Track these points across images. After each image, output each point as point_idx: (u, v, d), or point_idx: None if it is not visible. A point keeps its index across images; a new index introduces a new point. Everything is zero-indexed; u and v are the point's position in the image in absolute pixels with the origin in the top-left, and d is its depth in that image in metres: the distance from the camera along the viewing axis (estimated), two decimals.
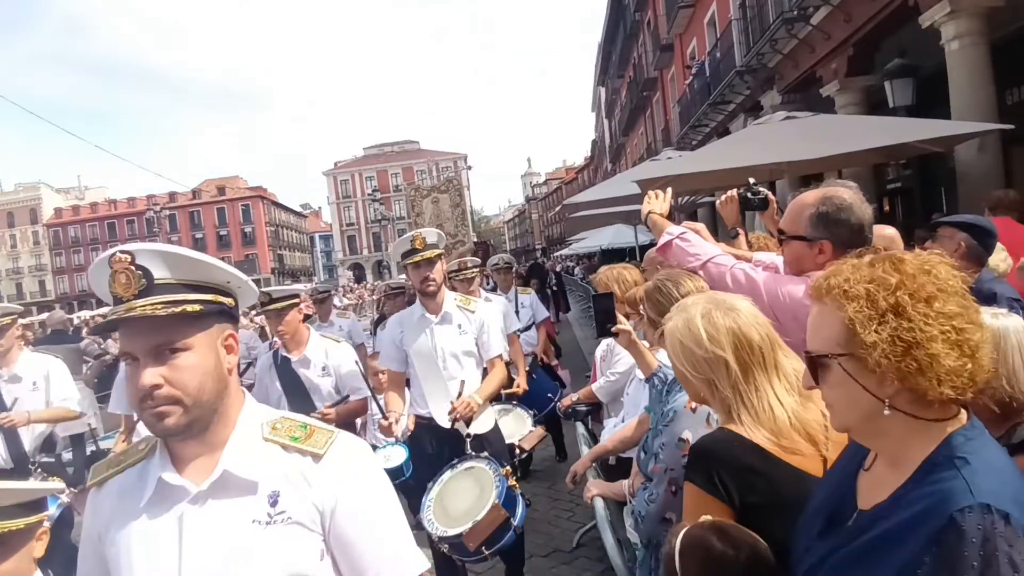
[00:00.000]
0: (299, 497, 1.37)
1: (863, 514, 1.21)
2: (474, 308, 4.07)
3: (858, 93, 11.41)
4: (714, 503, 1.59)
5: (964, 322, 1.10)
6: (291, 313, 4.17)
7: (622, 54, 38.32)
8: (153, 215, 46.63)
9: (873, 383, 1.15)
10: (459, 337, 3.97)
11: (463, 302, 4.09)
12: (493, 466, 3.52)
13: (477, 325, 4.03)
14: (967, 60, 8.16)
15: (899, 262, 1.15)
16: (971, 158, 7.98)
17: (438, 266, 3.92)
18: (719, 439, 1.69)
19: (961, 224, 3.42)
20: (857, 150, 6.62)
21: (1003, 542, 0.97)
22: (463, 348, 3.98)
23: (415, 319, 4.02)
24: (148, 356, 1.30)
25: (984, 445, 1.12)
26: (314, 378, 4.18)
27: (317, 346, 4.26)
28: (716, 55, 18.05)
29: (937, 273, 1.13)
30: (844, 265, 1.20)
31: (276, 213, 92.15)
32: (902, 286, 1.12)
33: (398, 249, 3.97)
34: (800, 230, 2.28)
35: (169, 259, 1.35)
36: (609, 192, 10.86)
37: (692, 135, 21.79)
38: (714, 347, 1.68)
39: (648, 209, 2.90)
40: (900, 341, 1.09)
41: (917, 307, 1.10)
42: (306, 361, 4.21)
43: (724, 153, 7.89)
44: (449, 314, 3.99)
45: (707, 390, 1.73)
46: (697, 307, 1.77)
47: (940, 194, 10.56)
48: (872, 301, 1.12)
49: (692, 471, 1.66)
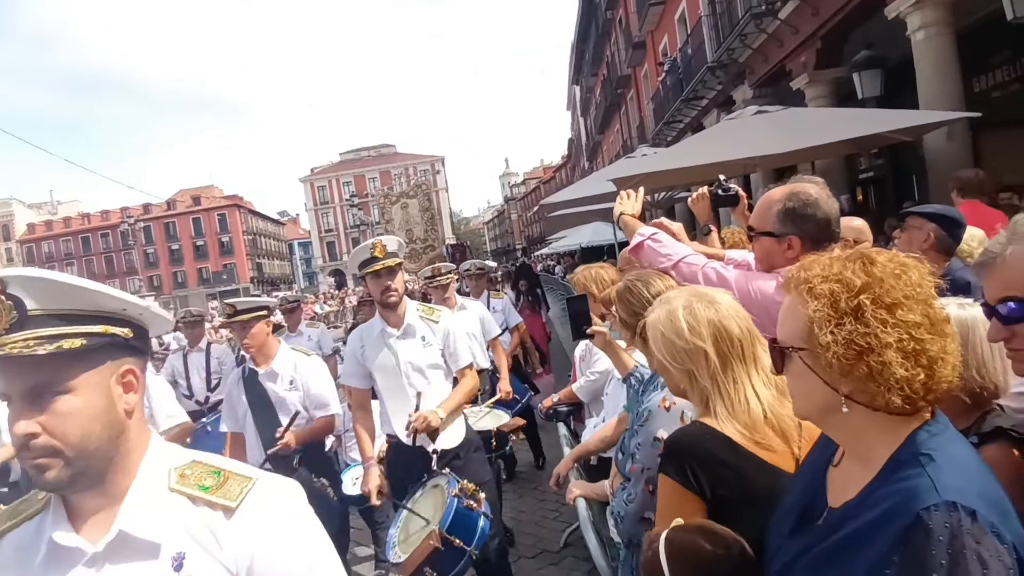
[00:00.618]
0: (208, 559, 1.20)
1: (833, 512, 1.21)
2: (438, 318, 3.85)
3: (827, 85, 11.54)
4: (687, 495, 1.61)
5: (925, 332, 1.10)
6: (257, 326, 4.00)
7: (595, 52, 38.46)
8: (127, 227, 46.16)
9: (833, 378, 1.15)
10: (423, 350, 3.76)
11: (426, 312, 3.88)
12: (450, 484, 3.27)
13: (442, 335, 3.81)
14: (933, 50, 8.27)
15: (870, 263, 1.15)
16: (940, 146, 8.09)
17: (399, 276, 3.71)
18: (691, 432, 1.71)
19: (930, 215, 3.42)
20: (828, 142, 6.69)
21: (970, 539, 0.97)
22: (428, 361, 3.76)
23: (375, 334, 3.79)
24: (23, 400, 1.13)
25: (949, 441, 1.12)
26: (280, 392, 4.02)
27: (286, 359, 4.11)
28: (687, 51, 18.17)
29: (908, 278, 1.13)
30: (818, 259, 1.21)
31: (253, 221, 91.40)
32: (867, 289, 1.12)
33: (356, 258, 3.73)
34: (768, 226, 2.30)
35: (41, 286, 1.13)
36: (585, 191, 10.87)
37: (667, 131, 21.91)
38: (694, 338, 1.71)
39: (620, 210, 2.91)
40: (854, 345, 1.10)
41: (877, 313, 1.10)
42: (273, 375, 4.05)
43: (698, 149, 7.94)
44: (411, 326, 3.77)
45: (687, 381, 1.75)
46: (679, 299, 1.80)
47: (912, 182, 10.70)
48: (834, 302, 1.13)
49: (665, 464, 1.68)
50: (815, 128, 7.04)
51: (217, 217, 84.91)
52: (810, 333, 1.16)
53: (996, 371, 1.69)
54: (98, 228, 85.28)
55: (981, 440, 1.64)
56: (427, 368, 3.74)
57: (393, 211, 14.97)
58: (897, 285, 1.12)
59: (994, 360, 1.68)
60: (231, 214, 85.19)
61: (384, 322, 3.77)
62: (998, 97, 9.56)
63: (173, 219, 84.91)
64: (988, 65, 9.54)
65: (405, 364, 3.71)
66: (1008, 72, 9.41)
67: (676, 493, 1.62)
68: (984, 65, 9.53)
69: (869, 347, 1.09)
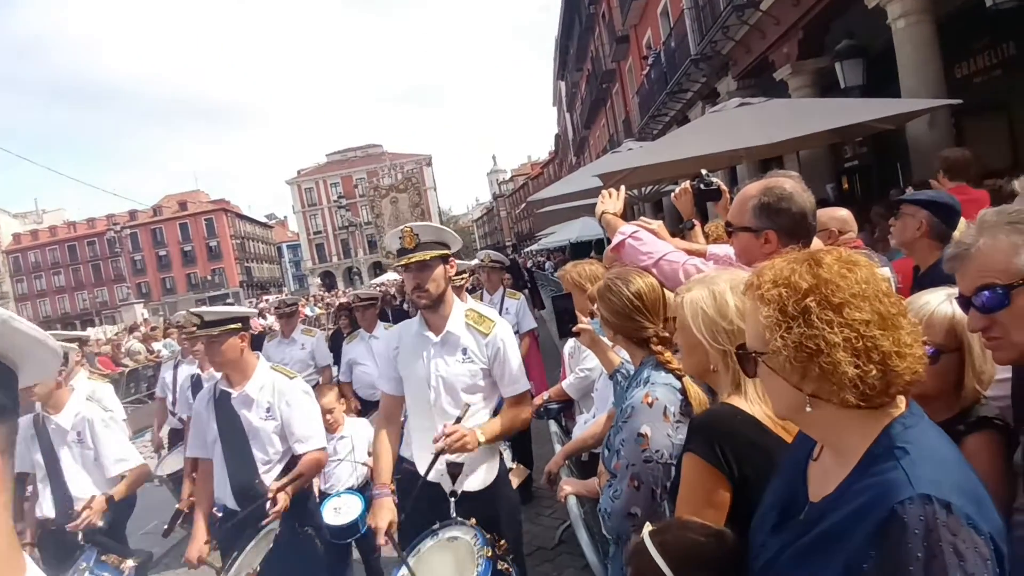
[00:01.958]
0: None
1: (813, 507, 1.22)
2: (488, 328, 3.14)
3: (810, 76, 11.58)
4: (715, 474, 1.60)
5: (875, 328, 1.10)
6: (229, 341, 3.43)
7: (579, 47, 38.45)
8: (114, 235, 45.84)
9: (793, 379, 1.17)
10: (462, 366, 3.10)
11: (475, 319, 3.17)
12: (479, 540, 2.65)
13: (491, 351, 3.12)
14: (913, 37, 8.31)
15: (817, 264, 1.16)
16: (922, 133, 8.13)
17: (438, 271, 3.05)
18: (721, 412, 1.72)
19: (923, 202, 3.37)
20: (812, 132, 6.72)
21: (946, 532, 0.98)
22: (466, 381, 3.10)
23: (412, 335, 3.20)
24: None
25: (923, 433, 1.13)
26: (255, 420, 3.47)
27: (263, 380, 3.56)
28: (671, 44, 18.19)
29: (856, 276, 1.14)
30: (772, 264, 1.23)
31: (241, 225, 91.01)
32: (813, 292, 1.13)
33: (390, 244, 3.19)
34: (745, 221, 2.32)
35: None
36: (572, 186, 10.88)
37: (652, 125, 21.95)
38: (740, 321, 1.71)
39: (602, 209, 2.92)
40: (804, 348, 1.11)
41: (824, 314, 1.11)
42: (247, 400, 3.49)
43: (683, 143, 7.95)
44: (454, 336, 3.12)
45: (721, 361, 1.76)
46: (724, 282, 1.81)
47: (896, 170, 10.75)
48: (782, 308, 1.14)
49: (693, 443, 1.68)
50: (799, 119, 7.07)
51: (204, 222, 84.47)
52: (765, 338, 1.18)
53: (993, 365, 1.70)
54: (84, 236, 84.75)
55: (967, 429, 1.65)
56: (462, 389, 3.09)
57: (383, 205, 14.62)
58: (843, 284, 1.13)
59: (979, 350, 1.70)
60: (218, 218, 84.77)
61: (423, 323, 3.17)
62: (979, 83, 9.62)
63: (160, 225, 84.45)
64: (969, 51, 9.59)
65: (437, 379, 3.08)
66: (989, 58, 9.47)
67: (704, 472, 1.62)
68: (965, 51, 9.58)
69: (818, 348, 1.10)
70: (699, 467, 1.64)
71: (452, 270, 3.14)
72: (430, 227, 3.10)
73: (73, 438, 3.95)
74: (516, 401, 3.17)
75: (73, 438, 3.95)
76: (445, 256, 3.08)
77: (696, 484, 1.64)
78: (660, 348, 2.24)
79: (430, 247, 3.03)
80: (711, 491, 1.61)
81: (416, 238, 3.02)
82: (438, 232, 3.10)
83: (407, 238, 3.02)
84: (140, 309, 33.46)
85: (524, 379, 3.19)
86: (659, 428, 2.05)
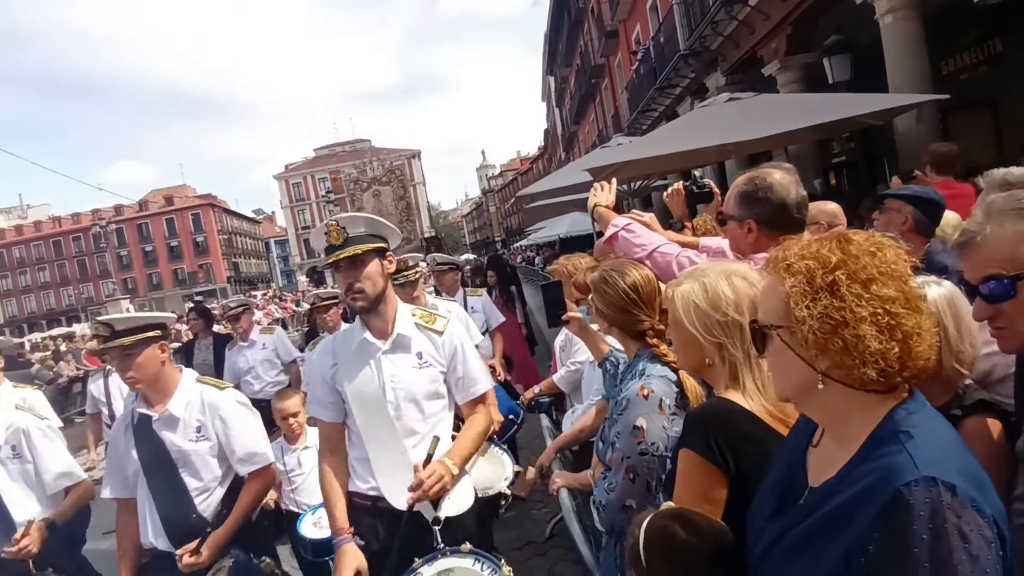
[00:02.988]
0: None
1: (813, 491, 1.22)
2: (442, 326, 2.79)
3: (798, 71, 11.64)
4: (711, 469, 1.60)
5: (900, 307, 1.11)
6: (146, 353, 2.92)
7: (568, 42, 38.43)
8: (99, 230, 45.41)
9: (810, 356, 1.17)
10: (420, 372, 2.71)
11: (425, 319, 2.81)
12: (487, 566, 2.38)
13: (448, 352, 2.76)
14: (901, 33, 8.37)
15: (846, 242, 1.17)
16: (910, 128, 8.19)
17: (373, 267, 2.64)
18: (716, 406, 1.72)
19: (908, 197, 3.40)
20: (800, 127, 6.74)
21: (951, 514, 0.98)
22: (426, 389, 2.71)
23: (354, 345, 2.73)
24: None
25: (927, 418, 1.13)
26: (184, 443, 2.98)
27: (189, 396, 3.05)
28: (660, 39, 18.21)
29: (883, 256, 1.15)
30: (797, 240, 1.23)
31: (228, 220, 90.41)
32: (842, 266, 1.13)
33: (316, 243, 2.77)
34: (730, 210, 2.34)
35: None
36: (562, 181, 10.88)
37: (642, 120, 21.98)
38: (734, 312, 1.72)
39: (594, 202, 2.92)
40: (829, 319, 1.11)
41: (852, 288, 1.11)
42: (171, 420, 2.99)
43: (672, 137, 7.97)
44: (405, 337, 2.73)
45: (716, 354, 1.75)
46: (715, 273, 1.80)
47: (883, 165, 10.83)
48: (810, 278, 1.14)
49: (689, 437, 1.67)
50: (787, 113, 7.10)
51: (191, 217, 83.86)
52: (787, 310, 1.17)
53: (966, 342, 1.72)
54: (69, 231, 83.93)
55: (964, 413, 1.67)
56: (424, 398, 2.70)
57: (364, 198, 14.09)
58: (872, 262, 1.13)
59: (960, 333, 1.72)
60: (205, 214, 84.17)
61: (365, 329, 2.74)
62: (966, 79, 9.70)
63: (146, 220, 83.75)
64: (956, 47, 9.67)
65: (393, 391, 2.67)
66: (975, 54, 9.56)
67: (699, 467, 1.62)
68: (952, 48, 9.66)
69: (844, 321, 1.10)
70: (695, 462, 1.63)
71: (391, 265, 2.74)
72: (361, 218, 2.69)
73: (8, 453, 3.35)
74: (479, 402, 2.81)
75: (8, 453, 3.35)
76: (381, 250, 2.69)
77: (692, 479, 1.64)
78: (656, 341, 2.24)
79: (362, 240, 2.63)
80: (707, 486, 1.61)
81: (344, 232, 2.61)
82: (371, 223, 2.70)
83: (333, 233, 2.62)
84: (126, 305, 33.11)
85: (485, 376, 2.85)
86: (655, 421, 2.05)
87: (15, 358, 11.91)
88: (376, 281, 2.64)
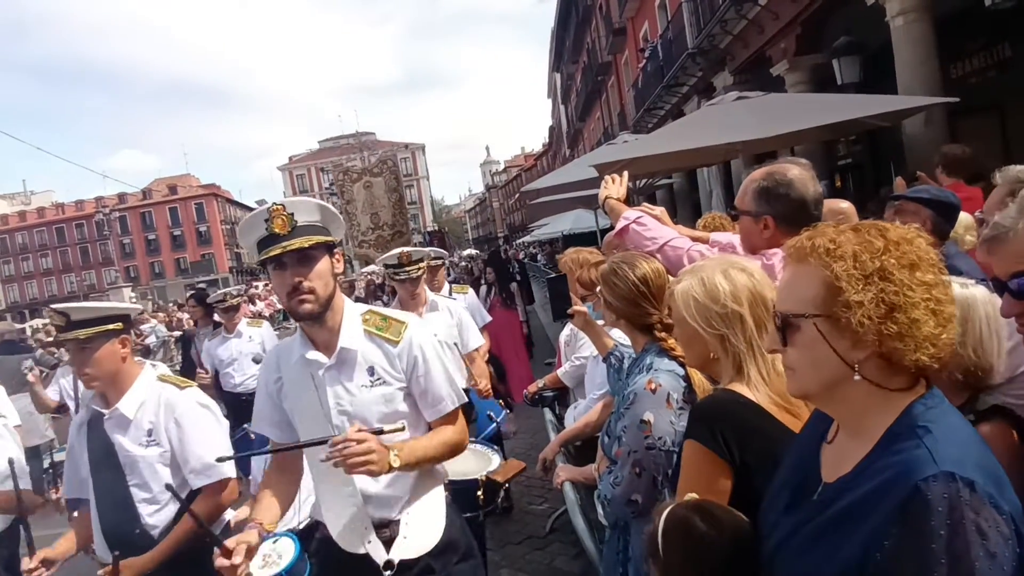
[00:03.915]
0: None
1: (828, 487, 1.21)
2: (399, 334, 2.28)
3: (807, 71, 11.58)
4: (716, 461, 1.60)
5: (940, 292, 1.11)
6: (105, 347, 2.66)
7: (575, 39, 38.36)
8: (103, 218, 45.41)
9: (844, 347, 1.15)
10: (371, 391, 2.24)
11: (378, 325, 2.30)
12: None
13: (406, 363, 2.27)
14: (911, 36, 8.33)
15: (884, 229, 1.16)
16: (918, 132, 8.16)
17: (324, 263, 2.17)
18: (722, 398, 1.72)
19: (926, 200, 3.34)
20: (808, 127, 6.72)
21: (969, 510, 0.97)
22: (379, 411, 2.23)
23: (293, 359, 2.28)
24: None
25: (945, 414, 1.12)
26: (133, 448, 2.67)
27: (144, 395, 2.73)
28: (668, 38, 18.17)
29: (919, 244, 1.15)
30: (826, 229, 1.21)
31: (231, 210, 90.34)
32: (888, 250, 1.12)
33: (247, 235, 2.20)
34: (746, 205, 2.32)
35: None
36: (567, 177, 10.85)
37: (648, 118, 21.94)
38: (733, 303, 1.72)
39: (605, 194, 2.91)
40: (884, 303, 1.10)
41: (902, 272, 1.11)
42: (122, 421, 2.69)
43: (679, 135, 7.94)
44: (351, 351, 2.24)
45: (719, 347, 1.75)
46: (712, 267, 1.81)
47: (890, 168, 10.80)
48: (859, 261, 1.13)
49: (695, 429, 1.67)
50: (795, 113, 7.06)
51: (194, 206, 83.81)
52: (832, 296, 1.14)
53: (992, 351, 1.70)
54: (72, 218, 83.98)
55: (977, 419, 1.65)
56: (379, 421, 2.18)
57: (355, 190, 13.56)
58: (911, 249, 1.13)
59: (991, 340, 1.69)
60: (208, 203, 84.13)
61: (308, 342, 2.27)
62: (974, 83, 9.67)
63: (149, 208, 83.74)
64: (965, 52, 9.65)
65: (340, 415, 2.21)
66: (984, 59, 9.53)
67: (705, 459, 1.61)
68: (961, 52, 9.63)
69: (899, 304, 1.09)
70: (700, 453, 1.63)
71: (339, 265, 2.27)
72: (313, 204, 2.21)
73: None
74: (445, 421, 2.34)
75: None
76: (330, 245, 2.23)
77: (697, 471, 1.64)
78: (664, 335, 2.24)
79: (313, 231, 2.15)
80: (712, 478, 1.60)
81: (291, 220, 2.11)
82: (319, 210, 2.22)
83: (278, 220, 2.09)
84: (128, 293, 33.11)
85: (455, 392, 2.35)
86: (662, 415, 2.05)
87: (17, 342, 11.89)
88: (328, 281, 2.18)
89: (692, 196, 18.80)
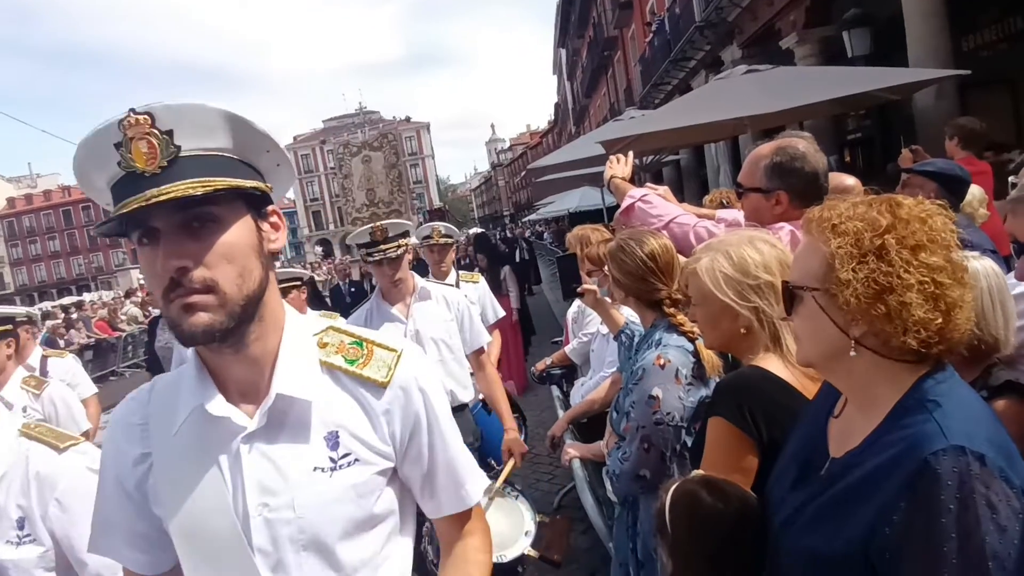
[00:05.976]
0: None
1: (835, 462, 1.20)
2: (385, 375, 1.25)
3: (817, 44, 11.44)
4: (742, 438, 1.59)
5: (946, 277, 1.09)
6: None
7: (581, 14, 37.89)
8: None
9: (843, 320, 1.14)
10: (331, 480, 1.20)
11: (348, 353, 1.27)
12: None
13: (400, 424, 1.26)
14: (922, 7, 8.21)
15: (897, 206, 1.14)
16: (929, 105, 8.07)
17: (236, 230, 1.15)
18: (748, 374, 1.70)
19: (932, 173, 3.31)
20: (818, 101, 6.64)
21: (979, 484, 0.96)
22: (349, 515, 1.21)
23: (178, 417, 1.20)
24: None
25: (955, 387, 1.11)
26: None
27: (5, 463, 1.76)
28: (675, 11, 17.91)
29: (933, 223, 1.12)
30: (842, 201, 1.19)
31: None
32: (892, 229, 1.11)
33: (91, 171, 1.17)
34: (756, 182, 2.30)
35: None
36: (573, 155, 10.79)
37: (654, 93, 21.72)
38: (765, 273, 1.70)
39: (611, 174, 2.90)
40: (875, 284, 1.09)
41: (901, 253, 1.09)
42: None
43: (686, 110, 7.87)
44: (294, 405, 1.19)
45: (754, 318, 1.72)
46: (736, 241, 1.78)
47: (899, 142, 10.69)
48: (858, 240, 1.12)
49: (720, 405, 1.65)
50: (805, 87, 6.98)
51: None
52: (828, 271, 1.14)
53: (997, 324, 1.69)
54: (79, 201, 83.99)
55: (990, 394, 1.64)
56: (340, 537, 1.21)
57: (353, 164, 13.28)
58: (922, 228, 1.11)
59: (995, 313, 1.68)
60: None
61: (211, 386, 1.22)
62: (986, 56, 9.54)
63: None
64: (977, 24, 9.50)
65: (268, 529, 1.17)
66: (996, 31, 9.39)
67: (731, 435, 1.60)
68: (972, 25, 9.49)
69: (890, 286, 1.08)
70: (726, 430, 1.61)
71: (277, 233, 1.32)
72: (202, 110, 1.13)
73: None
74: (461, 523, 1.39)
75: None
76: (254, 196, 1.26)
77: (723, 448, 1.62)
78: (673, 310, 2.23)
79: (210, 166, 1.14)
80: (738, 455, 1.59)
81: (166, 143, 1.10)
82: (226, 123, 1.15)
83: (142, 143, 1.06)
84: (136, 274, 33.26)
85: (474, 468, 1.40)
86: (671, 390, 2.05)
87: None
88: (248, 266, 1.15)
89: (699, 172, 18.68)
